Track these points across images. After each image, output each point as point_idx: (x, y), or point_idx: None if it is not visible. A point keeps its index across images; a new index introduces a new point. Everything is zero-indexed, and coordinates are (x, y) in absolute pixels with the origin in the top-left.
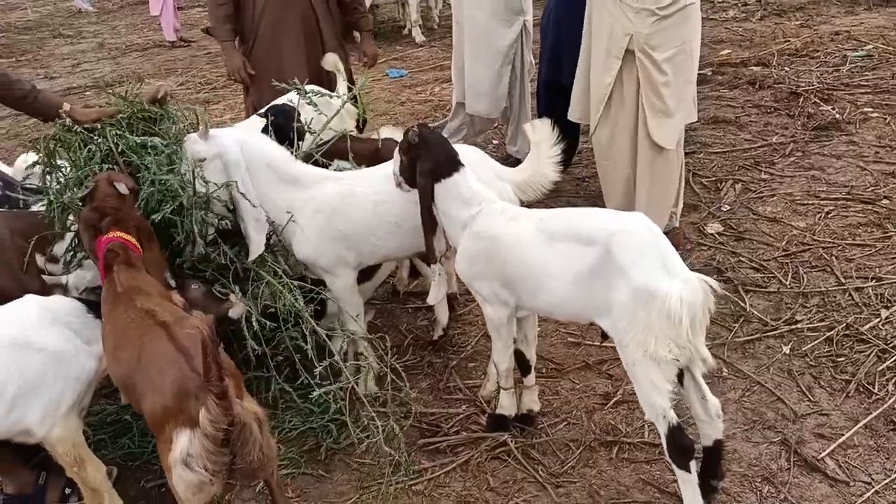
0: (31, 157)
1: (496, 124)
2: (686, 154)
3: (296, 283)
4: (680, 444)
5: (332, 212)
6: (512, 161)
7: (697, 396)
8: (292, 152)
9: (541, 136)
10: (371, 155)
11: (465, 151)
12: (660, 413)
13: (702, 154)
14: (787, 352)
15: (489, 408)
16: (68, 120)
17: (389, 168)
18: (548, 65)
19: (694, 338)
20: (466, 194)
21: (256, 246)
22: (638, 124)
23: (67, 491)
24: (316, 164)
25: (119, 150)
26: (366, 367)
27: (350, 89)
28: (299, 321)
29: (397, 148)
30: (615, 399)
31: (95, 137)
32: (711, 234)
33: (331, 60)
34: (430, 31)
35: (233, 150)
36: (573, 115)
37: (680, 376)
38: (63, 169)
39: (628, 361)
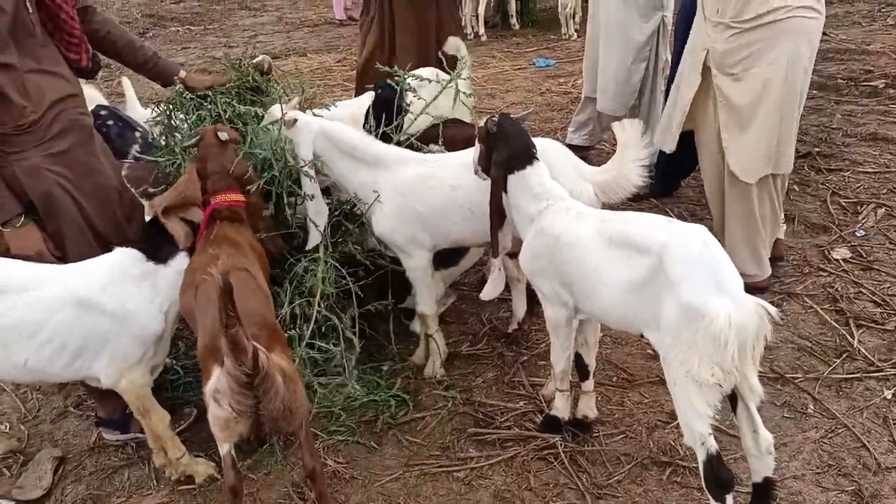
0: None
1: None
2: (830, 171)
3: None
4: (718, 474)
5: (410, 192)
6: None
7: (749, 428)
8: (391, 132)
9: (629, 137)
10: (465, 141)
11: (547, 146)
12: (698, 438)
13: (849, 172)
14: (889, 397)
15: (548, 408)
16: (181, 86)
17: (470, 155)
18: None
19: (741, 364)
20: (537, 188)
21: (315, 237)
22: (721, 147)
23: None
24: (411, 147)
25: (227, 116)
26: (435, 350)
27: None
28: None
29: (476, 136)
30: None
31: (206, 104)
32: (836, 260)
33: (453, 44)
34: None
35: (305, 139)
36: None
37: (735, 402)
38: (180, 129)
39: (670, 380)
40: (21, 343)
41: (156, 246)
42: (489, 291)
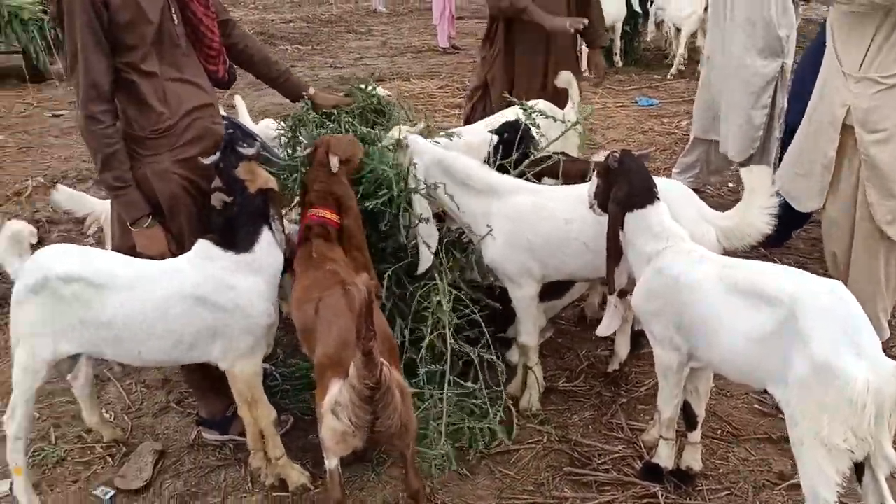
0: (271, 122)
1: (734, 165)
2: None
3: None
4: None
5: (522, 221)
6: None
7: (876, 500)
8: (508, 165)
9: (757, 182)
10: (580, 176)
11: (670, 186)
12: None
13: None
14: None
15: (648, 455)
16: (310, 102)
17: (584, 189)
18: (795, 112)
19: (877, 431)
20: (656, 228)
21: (426, 260)
22: (857, 202)
23: None
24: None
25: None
26: (533, 382)
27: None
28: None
29: (595, 170)
30: (791, 481)
31: (330, 123)
32: None
33: (565, 78)
34: (694, 63)
35: (420, 164)
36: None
37: (860, 470)
38: (301, 144)
39: (795, 440)
40: (135, 337)
41: (235, 236)
42: (606, 327)
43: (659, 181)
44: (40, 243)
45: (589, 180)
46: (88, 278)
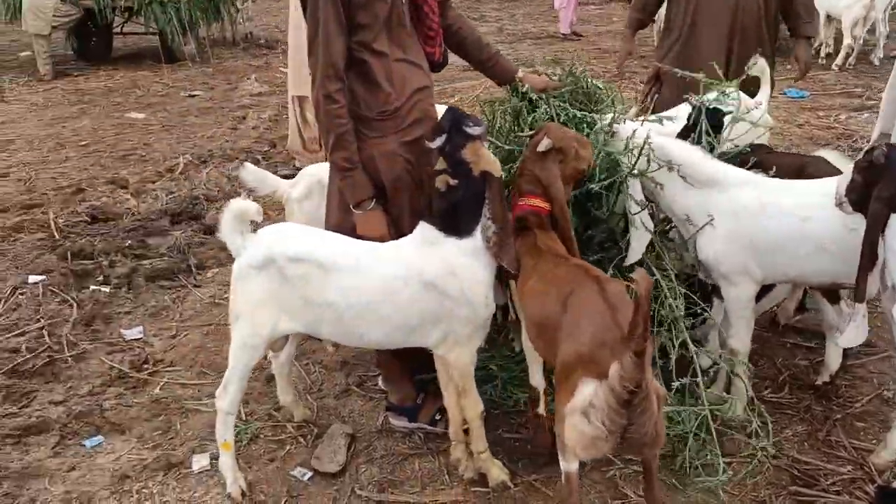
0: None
1: None
2: None
3: (682, 289)
4: None
5: (746, 217)
6: None
7: None
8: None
9: None
10: (796, 171)
11: None
12: None
13: None
14: None
15: (880, 479)
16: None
17: (825, 185)
18: None
19: None
20: None
21: (635, 253)
22: None
23: (437, 417)
24: None
25: (560, 120)
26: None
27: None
28: (672, 327)
29: (853, 165)
30: None
31: (541, 106)
32: None
33: (759, 65)
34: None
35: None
36: None
37: None
38: (502, 129)
39: None
40: (358, 319)
41: (458, 220)
42: (852, 338)
43: None
44: (197, 219)
45: (804, 176)
46: (316, 259)
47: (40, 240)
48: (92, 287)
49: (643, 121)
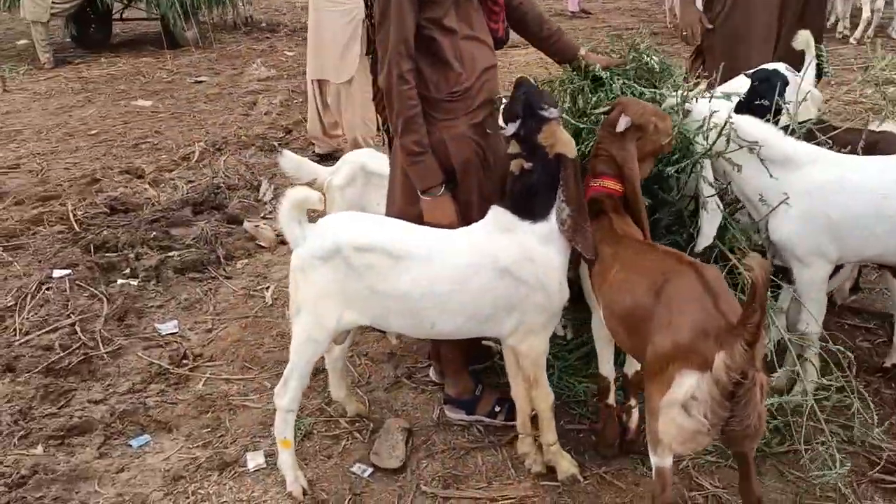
0: None
1: None
2: None
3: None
4: None
5: (824, 196)
6: None
7: None
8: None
9: None
10: (867, 147)
11: None
12: None
13: None
14: None
15: None
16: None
17: None
18: None
19: None
20: None
21: (706, 238)
22: None
23: (496, 409)
24: None
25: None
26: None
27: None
28: None
29: None
30: None
31: (608, 84)
32: None
33: (804, 39)
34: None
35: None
36: None
37: None
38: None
39: None
40: (430, 310)
41: (533, 204)
42: None
43: None
44: (219, 209)
45: (876, 152)
46: (386, 249)
47: (60, 233)
48: (120, 281)
49: (711, 98)
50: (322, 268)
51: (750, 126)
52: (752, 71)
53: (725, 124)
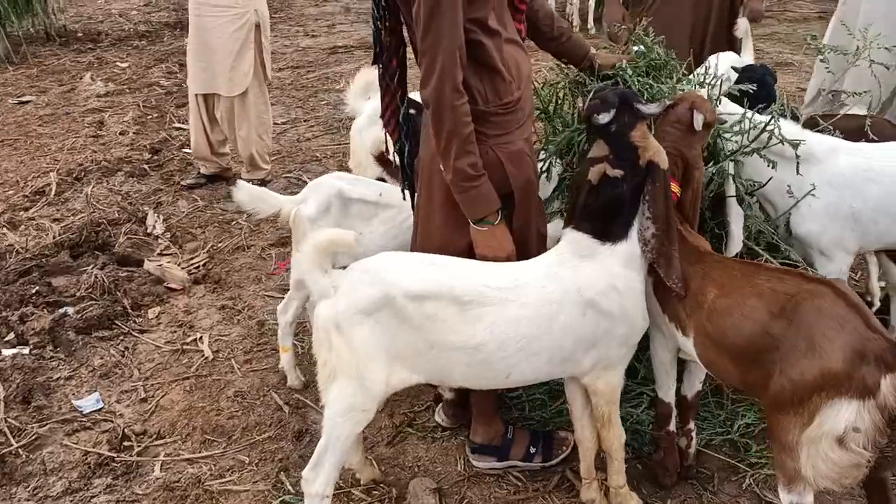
0: None
1: None
2: None
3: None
4: None
5: (846, 187)
6: None
7: None
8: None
9: None
10: (854, 133)
11: None
12: None
13: None
14: None
15: None
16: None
17: None
18: None
19: None
20: None
21: (736, 241)
22: None
23: (531, 450)
24: None
25: (645, 98)
26: None
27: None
28: None
29: None
30: None
31: (623, 81)
32: None
33: (743, 27)
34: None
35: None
36: None
37: None
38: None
39: None
40: (509, 358)
41: (613, 222)
42: None
43: None
44: (103, 250)
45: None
46: (452, 294)
47: None
48: (7, 352)
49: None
50: (366, 323)
51: (784, 124)
52: (740, 67)
53: (771, 121)
